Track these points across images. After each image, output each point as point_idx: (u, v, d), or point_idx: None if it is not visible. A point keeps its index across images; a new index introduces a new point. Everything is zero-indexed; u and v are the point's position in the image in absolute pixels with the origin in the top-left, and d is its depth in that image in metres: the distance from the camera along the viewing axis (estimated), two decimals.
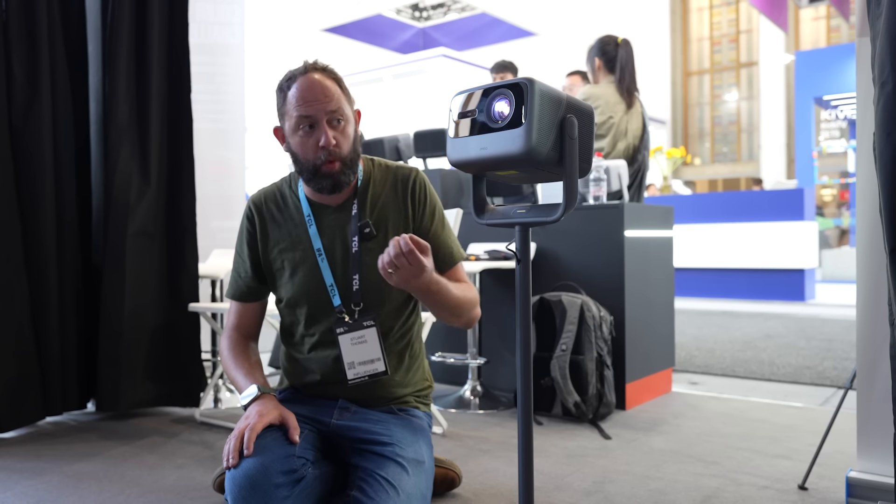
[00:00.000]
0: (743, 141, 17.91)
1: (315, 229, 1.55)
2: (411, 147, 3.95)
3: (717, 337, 4.90)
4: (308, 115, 1.45)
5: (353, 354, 1.51)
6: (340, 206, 1.56)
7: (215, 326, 2.81)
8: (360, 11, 13.38)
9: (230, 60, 3.74)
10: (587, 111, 1.18)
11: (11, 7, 2.40)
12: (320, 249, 1.54)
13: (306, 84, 1.45)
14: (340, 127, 1.47)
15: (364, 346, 1.51)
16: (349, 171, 1.49)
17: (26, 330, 2.40)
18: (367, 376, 1.51)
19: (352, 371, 1.51)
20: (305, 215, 1.56)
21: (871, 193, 1.63)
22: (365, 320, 1.51)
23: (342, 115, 1.47)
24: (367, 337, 1.51)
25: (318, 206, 1.57)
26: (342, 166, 1.47)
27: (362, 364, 1.51)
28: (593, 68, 3.55)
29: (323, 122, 1.45)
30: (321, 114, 1.45)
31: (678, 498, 1.80)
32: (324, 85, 1.46)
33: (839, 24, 16.24)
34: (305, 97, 1.44)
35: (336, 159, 1.46)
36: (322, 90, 1.45)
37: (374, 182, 1.59)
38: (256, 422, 1.35)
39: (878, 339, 1.66)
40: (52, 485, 1.91)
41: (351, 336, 1.51)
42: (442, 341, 3.23)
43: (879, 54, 1.33)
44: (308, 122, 1.45)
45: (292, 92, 1.46)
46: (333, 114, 1.45)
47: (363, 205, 1.56)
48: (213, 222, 3.59)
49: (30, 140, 2.43)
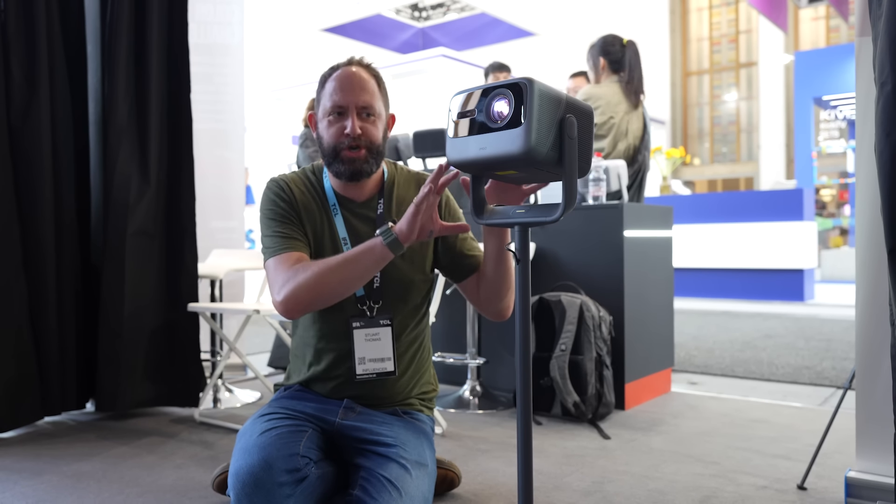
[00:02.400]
0: (742, 141, 17.92)
1: (341, 219, 1.56)
2: (411, 147, 3.94)
3: (717, 337, 4.90)
4: (340, 103, 1.49)
5: (365, 350, 1.52)
6: (365, 202, 1.58)
7: (215, 326, 2.81)
8: (360, 11, 13.37)
9: (229, 60, 3.74)
10: (587, 111, 1.18)
11: (10, 7, 2.39)
12: (346, 238, 1.54)
13: (345, 74, 1.51)
14: (370, 120, 1.51)
15: (377, 344, 1.52)
16: (372, 161, 1.52)
17: (25, 330, 2.40)
18: (376, 374, 1.52)
19: (361, 367, 1.52)
20: (331, 205, 1.57)
21: (871, 193, 1.63)
22: (382, 318, 1.52)
23: (372, 110, 1.51)
24: (382, 335, 1.52)
25: (343, 198, 1.58)
26: (367, 154, 1.50)
27: (373, 361, 1.52)
28: (596, 67, 3.53)
29: (352, 111, 1.49)
30: (352, 104, 1.49)
31: (677, 498, 1.80)
32: (361, 78, 1.51)
33: (838, 24, 16.25)
34: (342, 86, 1.49)
35: (362, 146, 1.49)
36: (359, 83, 1.50)
37: (398, 184, 1.62)
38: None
39: (878, 339, 1.66)
40: (51, 485, 1.91)
41: (366, 332, 1.52)
42: (441, 341, 3.23)
43: (880, 55, 1.34)
44: (338, 109, 1.50)
45: (330, 80, 1.52)
46: (364, 108, 1.50)
47: (389, 203, 1.58)
48: (213, 222, 3.59)
49: (29, 140, 2.42)
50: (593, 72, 3.56)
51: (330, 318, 1.55)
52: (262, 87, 10.17)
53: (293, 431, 1.39)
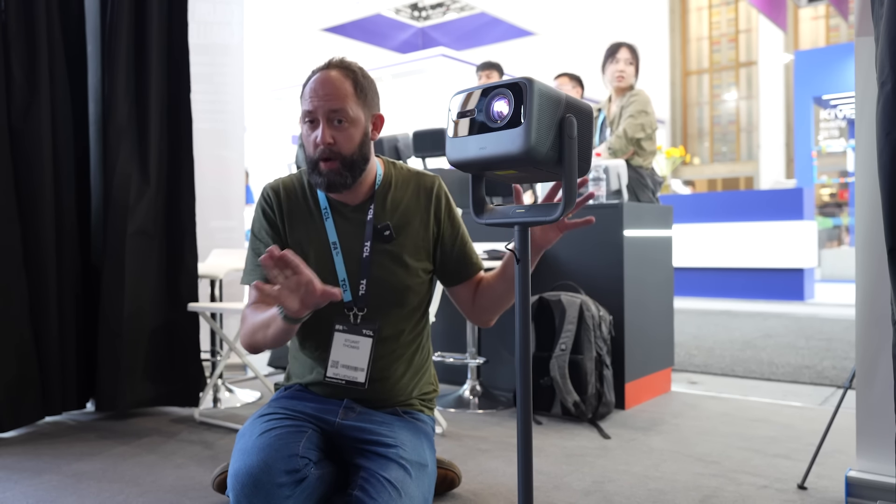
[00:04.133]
0: (742, 140, 17.92)
1: (332, 223, 1.54)
2: (410, 147, 3.95)
3: (717, 336, 4.90)
4: (310, 109, 1.45)
5: (340, 354, 1.50)
6: (357, 206, 1.55)
7: (215, 326, 2.81)
8: (359, 11, 13.37)
9: (229, 60, 3.74)
10: (586, 111, 1.18)
11: (10, 7, 2.39)
12: (335, 243, 1.53)
13: (318, 79, 1.45)
14: (341, 127, 1.44)
15: (354, 352, 1.50)
16: (348, 173, 1.46)
17: (25, 330, 2.40)
18: (345, 381, 1.49)
19: (333, 370, 1.50)
20: (322, 208, 1.55)
21: (871, 193, 1.63)
22: (366, 328, 1.50)
23: (344, 116, 1.44)
24: (361, 344, 1.50)
25: (335, 202, 1.56)
26: (340, 167, 1.45)
27: (345, 367, 1.50)
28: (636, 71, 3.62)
29: (323, 119, 1.44)
30: (321, 111, 1.44)
31: (677, 497, 1.80)
32: (334, 84, 1.44)
33: (838, 23, 16.26)
34: (313, 91, 1.45)
35: (334, 158, 1.45)
36: (331, 88, 1.43)
37: (395, 185, 1.58)
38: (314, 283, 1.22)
39: (878, 338, 1.66)
40: (51, 484, 1.91)
41: (346, 337, 1.50)
42: (441, 341, 3.23)
43: (880, 55, 1.34)
44: (309, 116, 1.46)
45: (307, 85, 1.47)
46: (334, 113, 1.43)
47: (382, 207, 1.55)
48: (212, 222, 3.59)
49: (29, 140, 2.42)
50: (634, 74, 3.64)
51: (323, 325, 1.53)
52: (261, 87, 10.17)
53: (293, 432, 1.39)
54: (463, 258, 1.60)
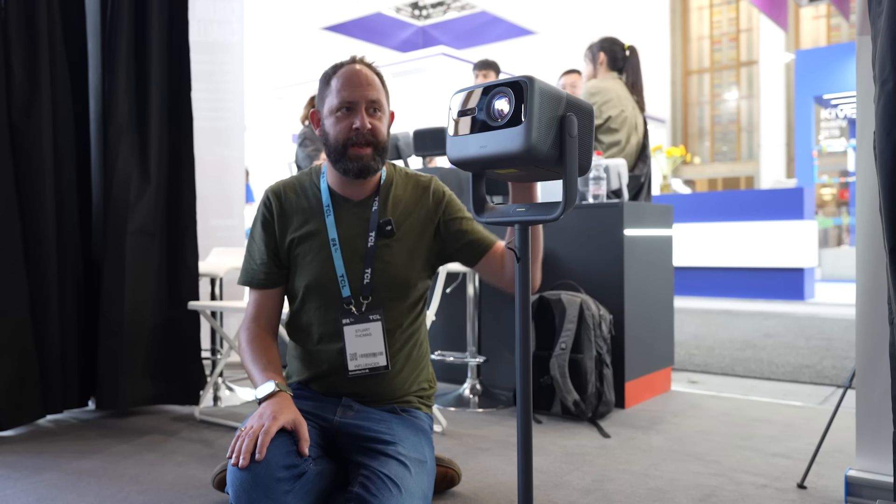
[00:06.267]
0: (743, 140, 17.91)
1: (332, 220, 1.57)
2: (411, 146, 3.94)
3: (717, 336, 4.90)
4: (349, 99, 1.52)
5: (356, 346, 1.53)
6: (361, 201, 1.60)
7: (215, 325, 2.81)
8: (360, 10, 13.36)
9: (230, 58, 3.74)
10: (587, 109, 1.18)
11: (11, 5, 2.39)
12: (335, 240, 1.56)
13: (351, 71, 1.54)
14: (377, 116, 1.54)
15: (368, 339, 1.53)
16: (379, 158, 1.55)
17: (26, 328, 2.40)
18: (368, 369, 1.53)
19: (353, 362, 1.53)
20: (325, 205, 1.59)
21: (871, 192, 1.63)
22: (371, 314, 1.53)
23: (380, 107, 1.54)
24: (372, 330, 1.53)
25: (338, 198, 1.60)
26: (373, 152, 1.53)
27: (364, 356, 1.53)
28: (594, 61, 3.55)
29: (362, 107, 1.52)
30: (361, 99, 1.52)
31: (677, 496, 1.80)
32: (367, 75, 1.54)
33: (839, 22, 16.24)
34: (350, 82, 1.52)
35: (369, 144, 1.52)
36: (366, 79, 1.53)
37: (396, 185, 1.64)
38: (271, 424, 1.33)
39: (878, 338, 1.66)
40: (52, 482, 1.92)
41: (356, 328, 1.53)
42: (441, 340, 3.23)
43: (880, 53, 1.33)
44: (347, 105, 1.52)
45: (336, 78, 1.54)
46: (373, 103, 1.53)
47: (385, 203, 1.60)
48: (213, 220, 3.59)
49: (29, 138, 2.42)
50: (591, 64, 3.57)
51: (322, 318, 1.57)
52: (262, 86, 10.17)
53: None
54: (472, 236, 1.63)
